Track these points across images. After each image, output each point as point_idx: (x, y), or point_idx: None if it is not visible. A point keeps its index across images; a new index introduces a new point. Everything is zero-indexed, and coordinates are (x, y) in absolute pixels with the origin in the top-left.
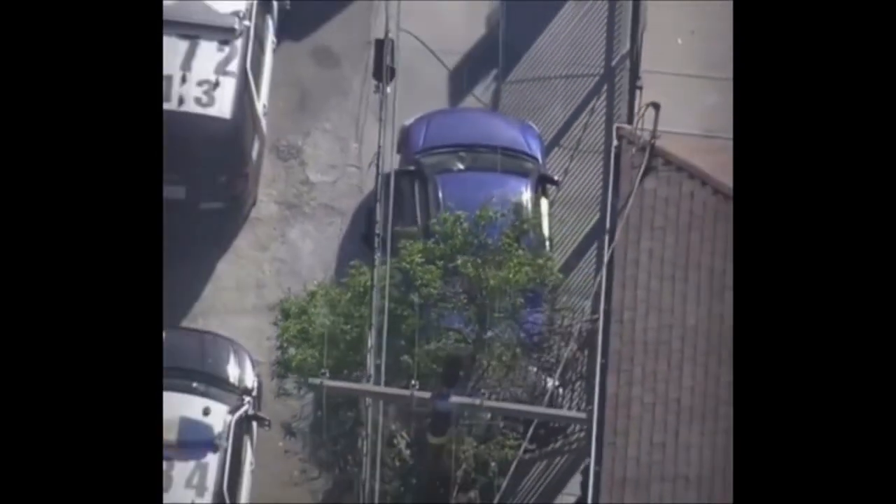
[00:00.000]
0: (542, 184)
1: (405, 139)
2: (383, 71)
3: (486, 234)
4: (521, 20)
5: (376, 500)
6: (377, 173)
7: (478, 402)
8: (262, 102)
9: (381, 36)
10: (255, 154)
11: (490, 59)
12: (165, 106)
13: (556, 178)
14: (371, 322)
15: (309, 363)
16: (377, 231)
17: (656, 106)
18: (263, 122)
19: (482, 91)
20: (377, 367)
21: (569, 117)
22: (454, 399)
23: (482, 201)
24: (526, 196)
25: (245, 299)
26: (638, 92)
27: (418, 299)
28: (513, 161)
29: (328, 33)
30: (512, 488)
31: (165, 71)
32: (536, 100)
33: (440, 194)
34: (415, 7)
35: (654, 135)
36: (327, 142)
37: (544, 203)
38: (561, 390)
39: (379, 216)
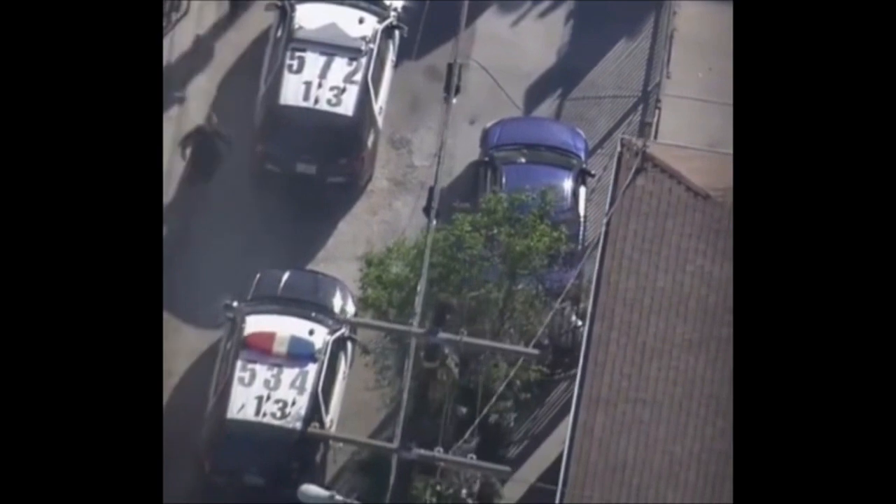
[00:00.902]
0: (583, 176)
1: (484, 138)
2: (451, 88)
3: (519, 212)
4: (582, 52)
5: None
6: (437, 165)
7: (458, 338)
8: (379, 105)
9: (462, 61)
10: (370, 143)
11: (557, 80)
12: (304, 104)
13: (593, 172)
14: (422, 273)
15: (380, 301)
16: (433, 205)
17: (648, 124)
18: (379, 119)
19: (549, 104)
20: (423, 309)
21: (611, 128)
22: (441, 335)
23: (535, 186)
24: (568, 185)
25: (358, 250)
26: (658, 111)
27: (465, 258)
28: (561, 157)
29: (437, 56)
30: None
31: (307, 78)
32: (588, 113)
33: (504, 179)
34: (503, 37)
35: (645, 144)
36: (430, 136)
37: (583, 190)
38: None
39: (434, 196)
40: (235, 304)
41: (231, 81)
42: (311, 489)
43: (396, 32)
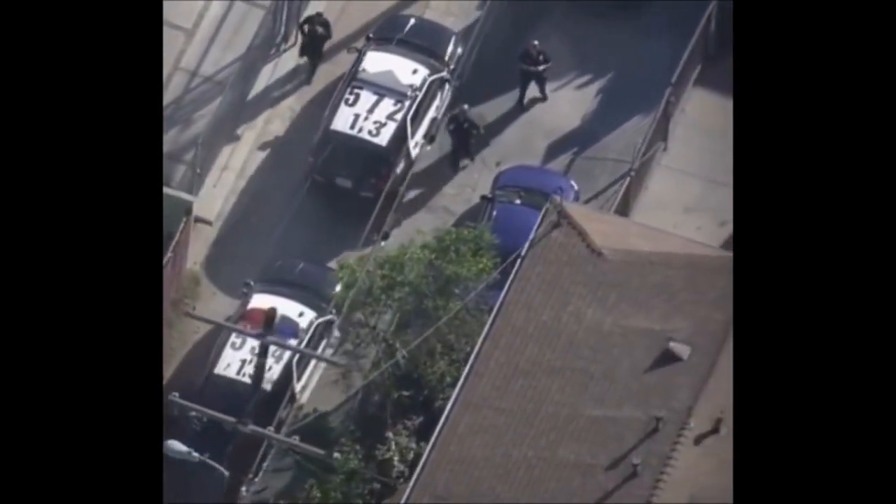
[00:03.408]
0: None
1: (496, 178)
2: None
3: (461, 244)
4: (602, 120)
5: None
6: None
7: (284, 343)
8: (415, 140)
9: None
10: (399, 169)
11: (575, 139)
12: (349, 131)
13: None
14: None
15: (339, 299)
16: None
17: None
18: (413, 153)
19: (564, 157)
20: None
21: (608, 185)
22: (269, 338)
23: (518, 224)
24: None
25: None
26: (629, 178)
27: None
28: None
29: (486, 106)
30: None
31: (357, 111)
32: (594, 171)
33: (494, 214)
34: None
35: (561, 205)
36: (462, 171)
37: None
38: None
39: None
40: (252, 283)
41: (313, 105)
42: (174, 444)
43: (447, 85)
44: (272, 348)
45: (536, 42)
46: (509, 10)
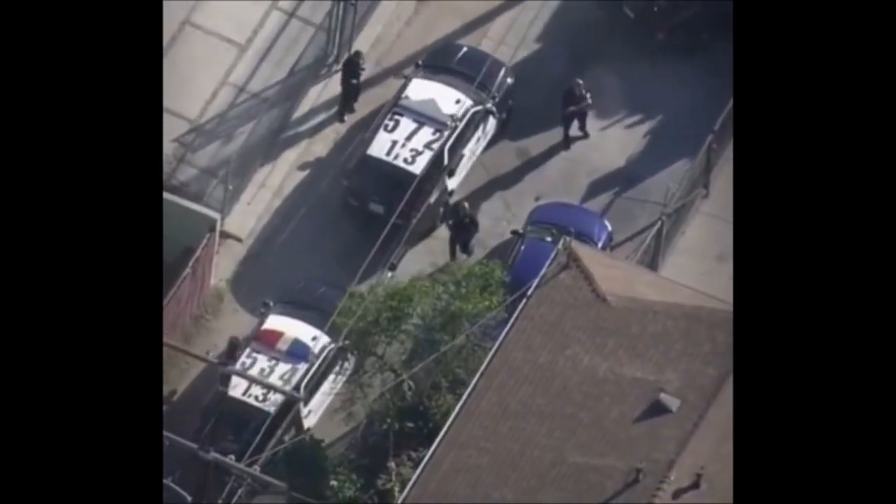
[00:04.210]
0: None
1: (530, 215)
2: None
3: (469, 281)
4: (646, 162)
5: None
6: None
7: (242, 372)
8: (452, 170)
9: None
10: (433, 199)
11: (618, 179)
12: (385, 157)
13: None
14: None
15: (340, 327)
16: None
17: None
18: (449, 183)
19: (605, 196)
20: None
21: (646, 227)
22: (229, 367)
23: (543, 262)
24: None
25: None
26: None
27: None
28: (578, 240)
29: (531, 143)
30: None
31: (396, 137)
32: (633, 212)
33: (521, 249)
34: (590, 135)
35: (569, 246)
36: (497, 203)
37: None
38: None
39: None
40: (271, 303)
41: (358, 129)
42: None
43: (491, 118)
44: (282, 371)
45: (581, 81)
46: (565, 45)
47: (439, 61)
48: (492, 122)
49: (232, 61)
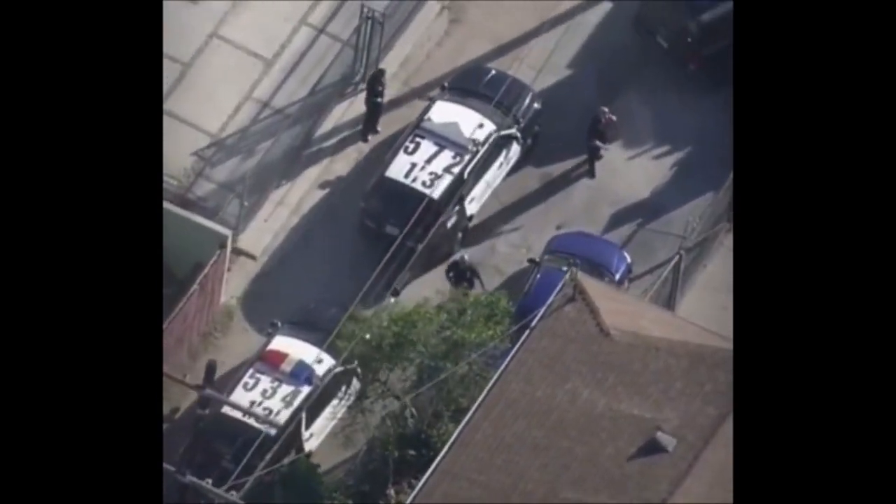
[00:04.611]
0: None
1: (548, 243)
2: None
3: (475, 309)
4: (671, 194)
5: None
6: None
7: (220, 396)
8: (471, 196)
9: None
10: (450, 224)
11: (641, 210)
12: (403, 180)
13: None
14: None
15: (340, 349)
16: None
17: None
18: (469, 208)
19: (627, 227)
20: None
21: (664, 260)
22: (208, 391)
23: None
24: None
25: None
26: (681, 255)
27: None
28: (597, 274)
29: (555, 169)
30: None
31: (415, 160)
32: (654, 244)
33: (537, 277)
34: (615, 164)
35: (576, 279)
36: (517, 230)
37: None
38: None
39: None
40: (278, 323)
41: (381, 149)
42: None
43: (514, 144)
44: (285, 392)
45: (606, 109)
46: (595, 71)
47: (465, 84)
48: (515, 148)
49: (257, 76)
